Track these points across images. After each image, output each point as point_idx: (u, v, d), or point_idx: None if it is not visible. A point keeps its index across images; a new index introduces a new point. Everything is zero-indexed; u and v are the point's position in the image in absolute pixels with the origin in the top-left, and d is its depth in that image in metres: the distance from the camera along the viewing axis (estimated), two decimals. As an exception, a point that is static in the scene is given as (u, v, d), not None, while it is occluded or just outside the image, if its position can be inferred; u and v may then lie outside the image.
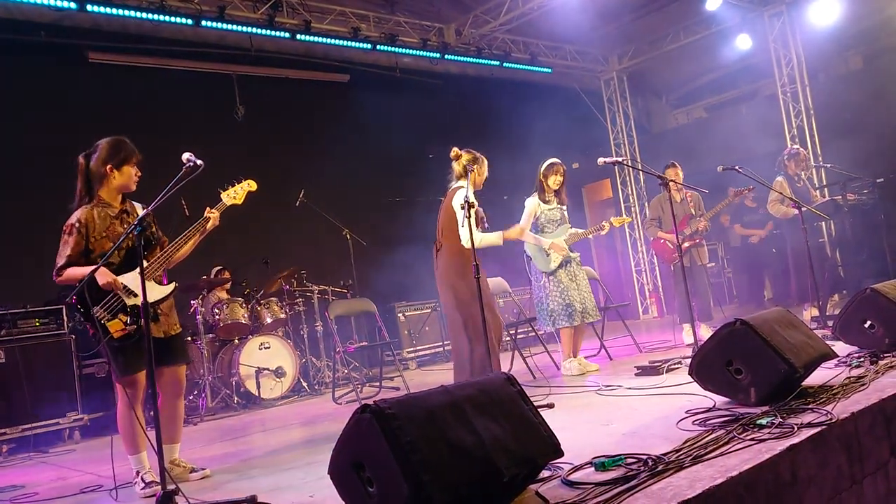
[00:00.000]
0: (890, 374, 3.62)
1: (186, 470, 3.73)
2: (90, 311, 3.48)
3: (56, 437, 6.12)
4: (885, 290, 4.39)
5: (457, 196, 4.90)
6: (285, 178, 8.71)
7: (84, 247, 3.56)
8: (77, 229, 3.55)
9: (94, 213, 3.61)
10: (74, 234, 3.55)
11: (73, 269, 3.52)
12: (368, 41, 9.18)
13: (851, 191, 7.97)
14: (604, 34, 11.19)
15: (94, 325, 3.47)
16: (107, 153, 3.64)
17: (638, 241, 12.23)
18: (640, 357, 6.17)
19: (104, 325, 3.48)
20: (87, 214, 3.60)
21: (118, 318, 3.50)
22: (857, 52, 10.79)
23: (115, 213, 3.67)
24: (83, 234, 3.56)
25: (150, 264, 3.60)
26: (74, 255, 3.54)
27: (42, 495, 3.90)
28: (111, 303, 3.51)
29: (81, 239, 3.55)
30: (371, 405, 2.18)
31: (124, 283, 3.53)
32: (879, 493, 2.92)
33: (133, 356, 3.53)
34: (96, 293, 3.48)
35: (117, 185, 3.68)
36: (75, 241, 3.54)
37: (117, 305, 3.51)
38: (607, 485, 2.35)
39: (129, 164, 3.67)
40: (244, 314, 7.23)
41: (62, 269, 3.54)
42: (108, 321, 3.49)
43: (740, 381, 3.38)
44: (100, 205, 3.65)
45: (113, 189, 3.69)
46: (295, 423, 5.67)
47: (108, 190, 3.68)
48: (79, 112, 7.48)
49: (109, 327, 3.48)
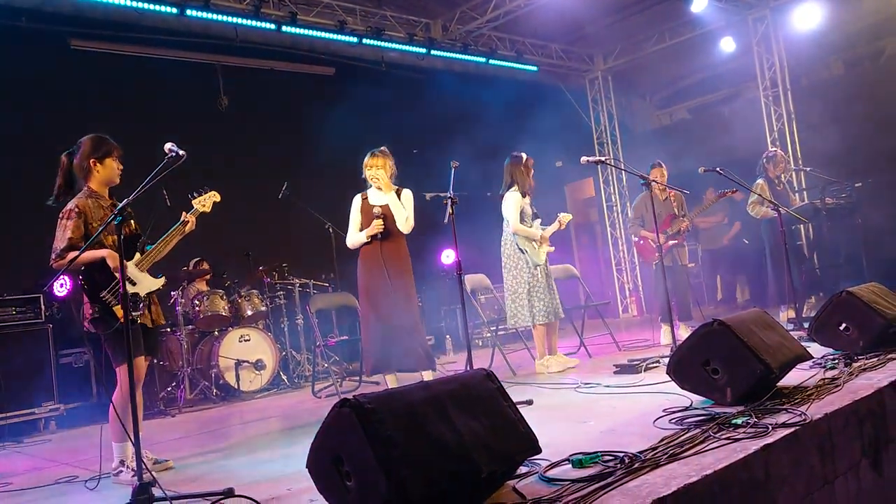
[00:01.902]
0: (863, 376, 3.68)
1: (149, 461, 3.72)
2: (99, 294, 3.56)
3: (31, 427, 6.05)
4: (861, 294, 4.46)
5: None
6: (268, 170, 8.66)
7: (84, 231, 3.63)
8: (77, 214, 3.64)
9: (89, 203, 3.71)
10: (74, 219, 3.63)
11: (76, 253, 3.50)
12: (355, 34, 9.14)
13: (830, 195, 8.08)
14: (589, 34, 11.23)
15: (103, 308, 3.55)
16: (90, 148, 3.77)
17: (619, 240, 12.30)
18: (618, 355, 6.21)
19: (111, 309, 3.56)
20: (83, 202, 3.69)
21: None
22: (838, 57, 10.90)
23: (107, 204, 3.77)
24: (83, 219, 3.64)
25: (145, 257, 3.76)
26: (76, 238, 3.60)
27: (17, 485, 3.87)
28: (116, 288, 3.57)
29: (82, 223, 3.63)
30: (351, 399, 2.18)
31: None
32: (850, 492, 2.97)
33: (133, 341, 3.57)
34: (99, 277, 3.58)
35: (102, 178, 3.79)
36: (75, 225, 3.62)
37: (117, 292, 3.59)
38: (584, 482, 2.37)
39: (111, 157, 3.80)
40: (224, 306, 7.20)
41: (65, 252, 3.57)
42: (114, 306, 3.56)
43: (717, 380, 3.42)
44: (93, 196, 3.75)
45: (99, 182, 3.79)
46: (274, 416, 5.66)
47: (95, 183, 3.78)
48: (60, 100, 7.38)
49: (116, 311, 3.55)
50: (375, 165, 5.22)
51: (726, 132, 10.41)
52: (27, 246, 6.82)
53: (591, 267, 12.82)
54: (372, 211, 5.19)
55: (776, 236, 6.56)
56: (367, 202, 5.29)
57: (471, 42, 10.30)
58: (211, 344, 7.06)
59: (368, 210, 5.23)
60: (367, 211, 5.23)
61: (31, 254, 6.75)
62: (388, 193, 5.22)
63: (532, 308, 5.74)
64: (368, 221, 5.18)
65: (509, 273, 5.90)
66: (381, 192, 5.25)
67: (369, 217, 5.19)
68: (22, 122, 6.99)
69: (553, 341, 5.90)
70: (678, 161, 8.46)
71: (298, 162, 8.93)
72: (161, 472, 3.65)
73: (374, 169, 5.22)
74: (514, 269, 5.86)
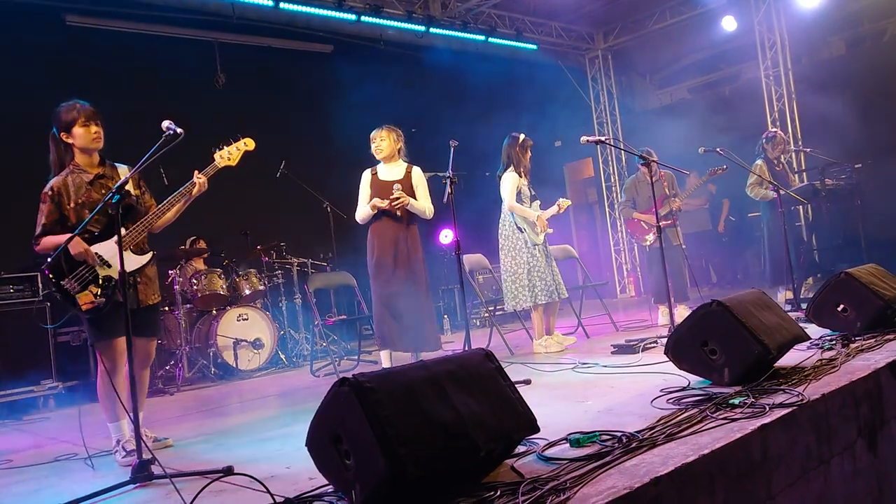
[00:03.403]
0: (861, 357, 3.69)
1: (149, 439, 3.70)
2: (61, 282, 3.44)
3: (30, 405, 6.07)
4: (859, 275, 4.46)
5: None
6: (266, 148, 8.58)
7: (59, 215, 3.51)
8: (50, 197, 3.51)
9: (68, 181, 3.55)
10: (48, 203, 3.52)
11: (49, 238, 3.48)
12: (353, 11, 9.05)
13: (830, 176, 8.06)
14: (590, 12, 11.14)
15: (64, 296, 3.44)
16: (56, 123, 3.58)
17: (617, 221, 12.28)
18: (616, 336, 6.23)
19: (73, 296, 3.44)
20: (60, 182, 3.55)
21: (88, 290, 3.45)
22: (840, 37, 10.83)
23: (91, 178, 3.59)
24: (56, 202, 3.51)
25: (129, 232, 3.50)
26: (49, 224, 3.50)
27: (17, 462, 3.88)
28: (82, 274, 3.46)
29: (55, 207, 3.51)
30: (349, 378, 2.18)
31: (99, 252, 3.48)
32: (846, 472, 2.99)
33: (106, 323, 3.50)
34: (72, 263, 3.44)
35: (80, 147, 3.58)
36: (48, 210, 3.50)
37: (88, 276, 3.46)
38: (582, 461, 2.38)
39: (76, 125, 3.54)
40: (222, 285, 7.19)
41: (38, 238, 3.50)
42: (77, 293, 3.44)
43: (715, 361, 3.43)
44: (75, 171, 3.58)
45: (80, 153, 3.61)
46: (272, 395, 5.68)
47: (79, 155, 3.61)
48: (55, 76, 7.30)
49: (79, 299, 3.43)
50: (379, 136, 5.29)
51: (727, 112, 10.38)
52: (23, 224, 6.74)
53: (589, 247, 12.84)
54: (386, 185, 5.19)
55: (775, 217, 6.55)
56: (376, 177, 5.29)
57: (470, 20, 10.22)
58: (209, 323, 7.07)
59: (380, 185, 5.23)
60: (380, 185, 5.23)
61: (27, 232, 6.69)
62: (395, 165, 5.28)
63: (533, 288, 5.70)
64: (381, 196, 5.17)
65: (507, 255, 5.85)
66: (392, 168, 5.28)
67: (382, 192, 5.18)
68: (17, 99, 6.94)
69: (551, 322, 5.90)
70: (678, 141, 8.44)
71: (296, 140, 8.88)
72: (160, 449, 3.64)
73: (378, 140, 5.29)
74: (513, 249, 5.80)
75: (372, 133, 5.33)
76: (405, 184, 5.24)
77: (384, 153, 5.26)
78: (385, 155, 5.26)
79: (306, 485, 2.52)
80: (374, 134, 5.32)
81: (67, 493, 2.89)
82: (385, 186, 5.20)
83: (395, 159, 5.32)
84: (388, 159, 5.29)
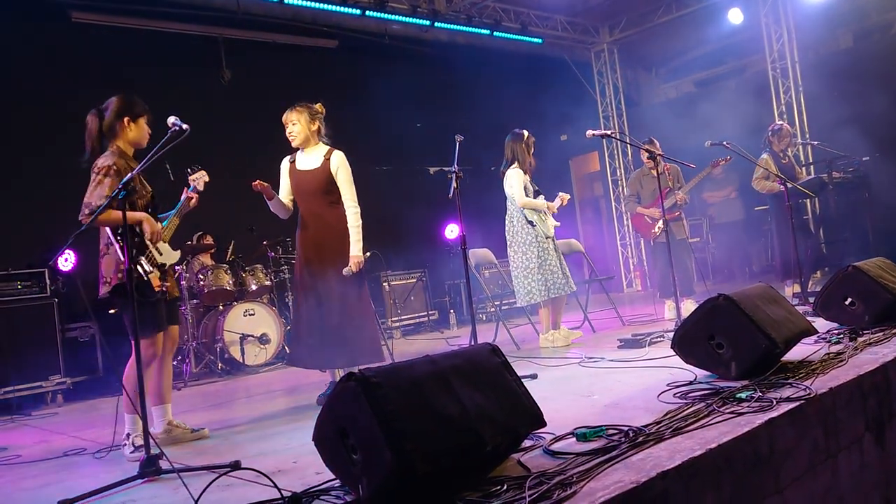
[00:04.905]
0: (868, 350, 3.68)
1: (186, 430, 3.75)
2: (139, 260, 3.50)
3: (39, 401, 6.11)
4: (867, 268, 4.44)
5: None
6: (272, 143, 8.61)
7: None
8: (116, 172, 3.48)
9: (121, 163, 3.56)
10: (112, 176, 3.46)
11: (115, 212, 3.35)
12: (357, 6, 9.04)
13: (837, 169, 8.02)
14: (595, 5, 11.10)
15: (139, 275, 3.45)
16: (122, 106, 3.65)
17: (624, 215, 12.25)
18: (623, 330, 6.22)
19: (150, 277, 3.52)
20: (120, 162, 3.55)
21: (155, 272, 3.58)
22: (847, 29, 10.77)
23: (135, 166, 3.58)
24: (119, 178, 3.41)
25: (164, 230, 3.69)
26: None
27: (26, 457, 3.90)
28: (151, 256, 3.56)
29: (118, 183, 3.36)
30: (356, 373, 2.19)
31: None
32: (853, 466, 2.98)
33: (158, 313, 3.62)
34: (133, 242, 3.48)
35: (132, 139, 3.67)
36: (112, 184, 3.43)
37: (152, 261, 3.59)
38: (588, 455, 2.38)
39: (143, 118, 3.70)
40: (229, 280, 7.21)
41: (104, 209, 3.26)
42: (150, 274, 3.52)
43: (721, 355, 3.42)
44: (123, 157, 3.62)
45: (127, 143, 3.67)
46: (279, 390, 5.69)
47: (124, 145, 3.66)
48: (61, 74, 7.33)
49: (152, 280, 3.52)
50: (290, 121, 4.53)
51: (733, 105, 10.33)
52: (31, 221, 6.82)
53: (595, 241, 12.81)
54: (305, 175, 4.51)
55: (782, 210, 6.52)
56: (294, 166, 4.59)
57: (475, 14, 10.19)
58: (216, 318, 7.09)
59: (299, 175, 4.55)
60: (298, 176, 4.56)
61: (35, 229, 6.77)
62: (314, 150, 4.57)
63: (546, 282, 5.69)
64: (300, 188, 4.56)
65: (517, 250, 5.82)
66: (310, 154, 4.57)
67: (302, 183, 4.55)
68: (23, 96, 6.96)
69: (558, 317, 5.90)
70: (684, 134, 8.40)
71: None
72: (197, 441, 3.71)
73: (289, 125, 4.53)
74: (523, 244, 5.78)
75: (283, 117, 4.58)
76: (321, 172, 4.49)
77: (298, 139, 4.51)
78: (300, 141, 4.52)
79: (313, 479, 2.53)
80: (284, 118, 4.56)
81: (76, 487, 2.90)
82: (304, 176, 4.52)
83: (312, 143, 4.56)
84: (304, 144, 4.55)
